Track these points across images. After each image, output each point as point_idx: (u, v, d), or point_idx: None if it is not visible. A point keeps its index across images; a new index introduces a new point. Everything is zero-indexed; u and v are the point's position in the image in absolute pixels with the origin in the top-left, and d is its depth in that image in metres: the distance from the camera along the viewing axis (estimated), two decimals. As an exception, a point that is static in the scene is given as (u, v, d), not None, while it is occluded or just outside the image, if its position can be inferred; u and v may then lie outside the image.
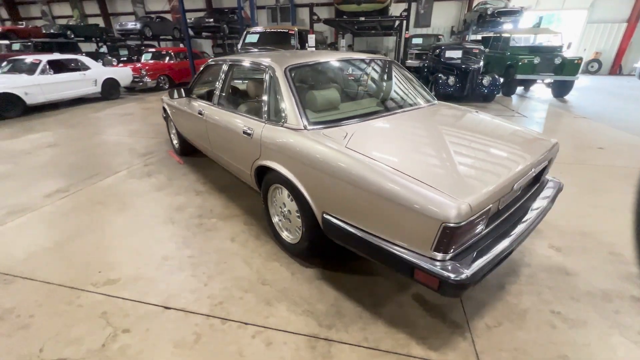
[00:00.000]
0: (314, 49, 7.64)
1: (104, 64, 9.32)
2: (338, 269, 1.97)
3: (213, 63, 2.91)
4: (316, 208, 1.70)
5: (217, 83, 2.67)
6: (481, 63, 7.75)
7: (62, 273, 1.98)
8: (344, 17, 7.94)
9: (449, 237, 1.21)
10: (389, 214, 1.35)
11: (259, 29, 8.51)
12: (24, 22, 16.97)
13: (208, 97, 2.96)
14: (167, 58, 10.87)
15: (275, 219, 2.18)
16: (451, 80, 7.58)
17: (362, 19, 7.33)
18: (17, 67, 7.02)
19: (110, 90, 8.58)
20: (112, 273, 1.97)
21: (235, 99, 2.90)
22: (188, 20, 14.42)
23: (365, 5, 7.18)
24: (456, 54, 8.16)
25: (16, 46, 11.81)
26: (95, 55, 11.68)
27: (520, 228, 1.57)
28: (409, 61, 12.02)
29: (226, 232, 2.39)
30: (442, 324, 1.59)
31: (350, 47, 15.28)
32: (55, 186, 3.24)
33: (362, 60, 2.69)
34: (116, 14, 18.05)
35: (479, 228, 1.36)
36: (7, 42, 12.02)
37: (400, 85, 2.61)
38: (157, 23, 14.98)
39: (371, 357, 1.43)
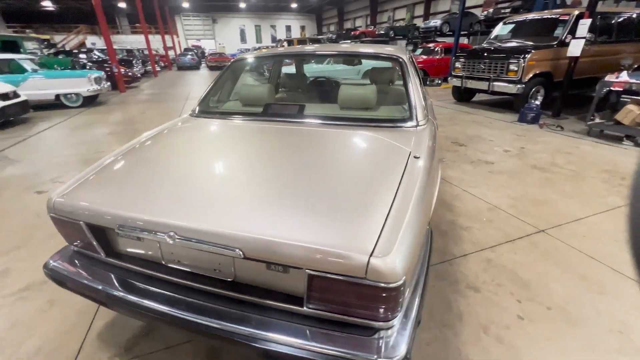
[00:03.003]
0: (581, 42, 5.02)
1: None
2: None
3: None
4: None
5: None
6: None
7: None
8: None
9: None
10: None
11: (520, 17, 6.67)
12: (372, 26, 23.25)
13: None
14: (433, 53, 11.19)
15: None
16: None
17: None
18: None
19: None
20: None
21: None
22: (485, 13, 13.51)
23: None
24: None
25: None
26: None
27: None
28: None
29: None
30: None
31: None
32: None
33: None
34: (436, 13, 19.95)
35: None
36: (349, 41, 17.37)
37: (370, 94, 1.75)
38: (457, 19, 15.14)
39: None
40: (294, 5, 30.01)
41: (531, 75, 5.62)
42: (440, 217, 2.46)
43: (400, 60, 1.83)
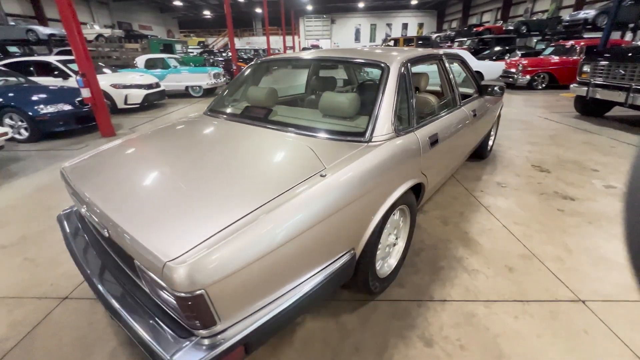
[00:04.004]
0: None
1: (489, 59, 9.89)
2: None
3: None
4: None
5: None
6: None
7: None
8: None
9: None
10: None
11: None
12: (502, 21, 20.07)
13: None
14: (570, 53, 8.96)
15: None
16: None
17: None
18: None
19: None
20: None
21: None
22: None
23: None
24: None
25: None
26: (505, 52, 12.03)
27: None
28: None
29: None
30: None
31: None
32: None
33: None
34: (593, 2, 15.74)
35: None
36: (465, 39, 15.55)
37: (343, 103, 1.62)
38: (625, 7, 11.53)
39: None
40: (414, 2, 28.72)
41: (702, 85, 3.95)
42: (447, 251, 2.08)
43: (382, 66, 1.64)
